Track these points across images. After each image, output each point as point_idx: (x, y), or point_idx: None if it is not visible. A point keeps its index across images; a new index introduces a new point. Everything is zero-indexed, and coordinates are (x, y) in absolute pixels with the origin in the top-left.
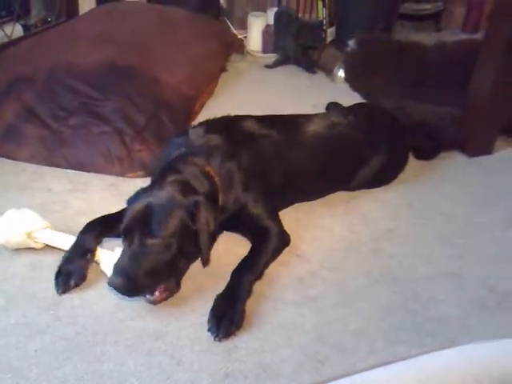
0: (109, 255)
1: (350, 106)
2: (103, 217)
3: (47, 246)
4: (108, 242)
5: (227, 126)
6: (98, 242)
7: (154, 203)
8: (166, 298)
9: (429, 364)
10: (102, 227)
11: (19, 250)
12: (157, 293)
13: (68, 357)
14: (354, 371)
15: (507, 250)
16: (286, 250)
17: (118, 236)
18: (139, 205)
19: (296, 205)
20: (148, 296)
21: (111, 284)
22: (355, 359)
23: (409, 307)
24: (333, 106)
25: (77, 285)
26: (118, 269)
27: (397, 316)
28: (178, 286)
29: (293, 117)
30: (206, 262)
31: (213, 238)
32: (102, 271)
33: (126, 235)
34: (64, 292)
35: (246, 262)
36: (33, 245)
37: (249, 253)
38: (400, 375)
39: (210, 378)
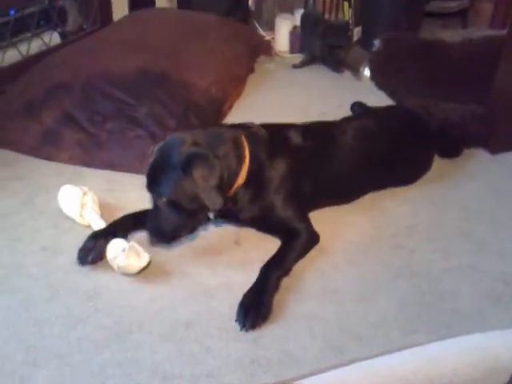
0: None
1: (377, 109)
2: (139, 212)
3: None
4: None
5: (268, 130)
6: (127, 232)
7: (159, 159)
8: None
9: (425, 354)
10: (135, 221)
11: (61, 244)
12: None
13: (107, 345)
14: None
15: None
16: None
17: None
18: (152, 159)
19: None
20: None
21: (151, 243)
22: (372, 348)
23: (426, 300)
24: (357, 107)
25: (93, 261)
26: (150, 230)
27: (414, 308)
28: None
29: (326, 125)
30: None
31: (220, 193)
32: None
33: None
34: (83, 265)
35: (275, 259)
36: (79, 219)
37: (278, 250)
38: (397, 365)
39: (236, 364)
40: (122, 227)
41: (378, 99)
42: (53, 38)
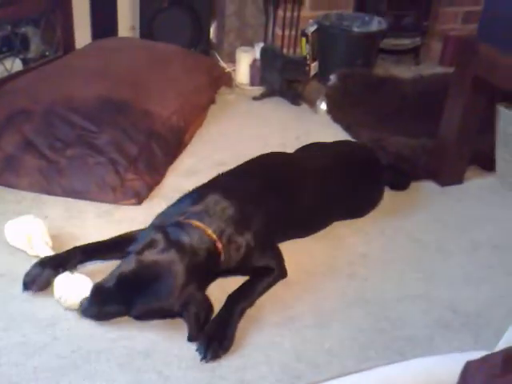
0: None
1: (330, 145)
2: (90, 244)
3: None
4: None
5: (227, 189)
6: (76, 263)
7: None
8: None
9: (372, 378)
10: (85, 253)
11: (19, 272)
12: None
13: (64, 373)
14: None
15: (471, 274)
16: None
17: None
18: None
19: None
20: None
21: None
22: (328, 376)
23: (379, 327)
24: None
25: (40, 289)
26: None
27: (368, 336)
28: None
29: (284, 165)
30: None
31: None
32: None
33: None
34: (27, 290)
35: (243, 291)
36: (29, 251)
37: (247, 282)
38: None
39: None
40: (71, 259)
41: (334, 132)
42: (15, 65)
